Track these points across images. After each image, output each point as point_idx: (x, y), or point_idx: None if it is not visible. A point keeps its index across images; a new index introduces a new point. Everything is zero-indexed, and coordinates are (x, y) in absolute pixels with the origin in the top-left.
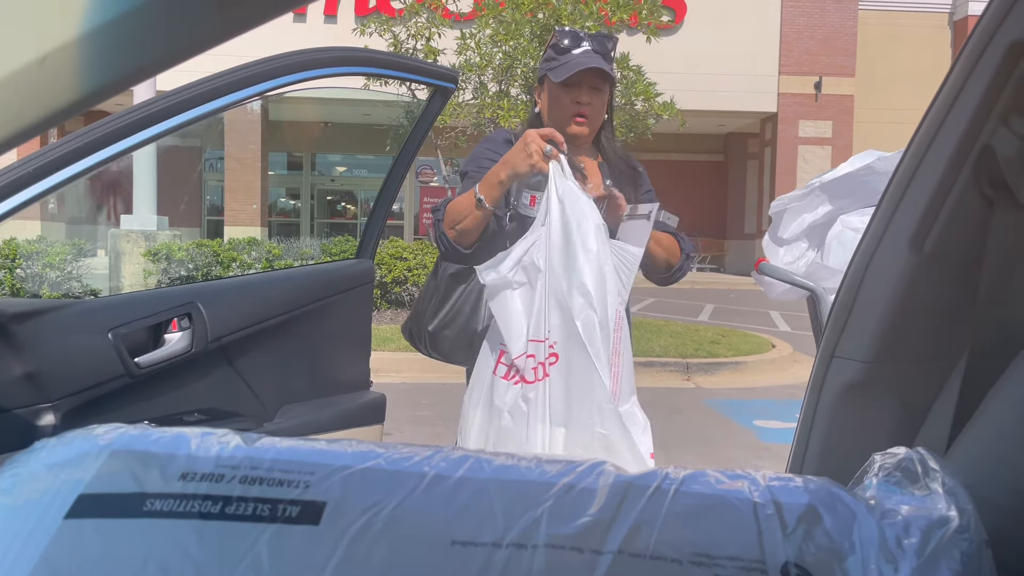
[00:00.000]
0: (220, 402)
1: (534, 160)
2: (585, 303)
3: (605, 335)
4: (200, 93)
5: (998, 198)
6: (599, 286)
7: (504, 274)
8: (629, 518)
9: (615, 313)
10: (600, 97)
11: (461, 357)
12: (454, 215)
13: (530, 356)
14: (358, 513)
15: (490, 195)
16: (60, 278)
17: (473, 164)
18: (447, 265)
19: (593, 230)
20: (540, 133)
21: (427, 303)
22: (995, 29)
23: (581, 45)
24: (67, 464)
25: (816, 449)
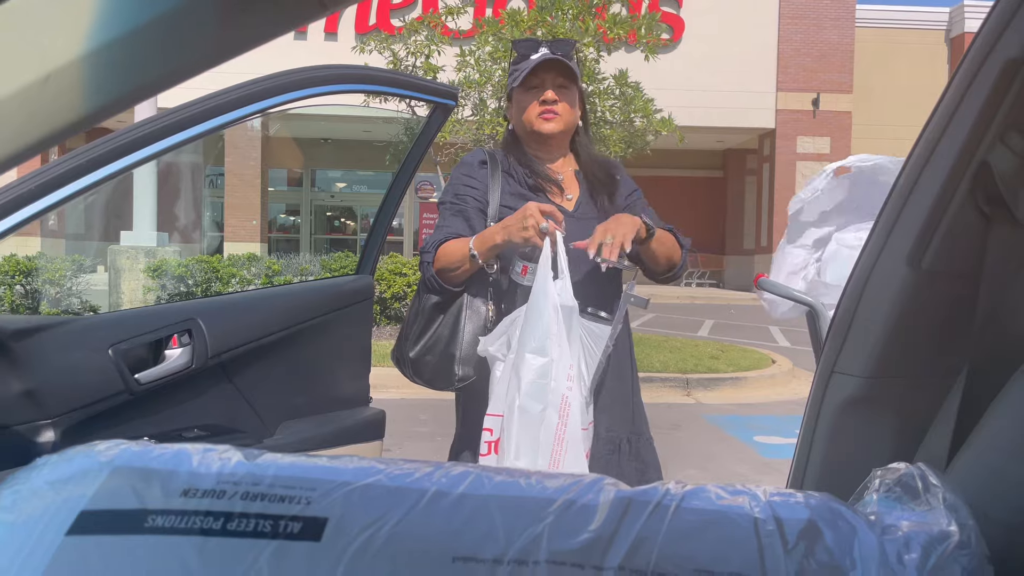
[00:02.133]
0: (220, 418)
1: (528, 234)
2: (516, 384)
3: (529, 420)
4: (202, 111)
5: (995, 214)
6: (537, 369)
7: (488, 347)
8: (630, 534)
9: (560, 398)
10: (567, 95)
11: (442, 383)
12: (446, 261)
13: (486, 429)
14: (360, 529)
15: (483, 253)
16: (60, 294)
17: (450, 193)
18: (429, 295)
19: (553, 312)
20: (541, 209)
21: (409, 329)
22: (991, 47)
23: (539, 50)
24: (68, 480)
25: (816, 465)
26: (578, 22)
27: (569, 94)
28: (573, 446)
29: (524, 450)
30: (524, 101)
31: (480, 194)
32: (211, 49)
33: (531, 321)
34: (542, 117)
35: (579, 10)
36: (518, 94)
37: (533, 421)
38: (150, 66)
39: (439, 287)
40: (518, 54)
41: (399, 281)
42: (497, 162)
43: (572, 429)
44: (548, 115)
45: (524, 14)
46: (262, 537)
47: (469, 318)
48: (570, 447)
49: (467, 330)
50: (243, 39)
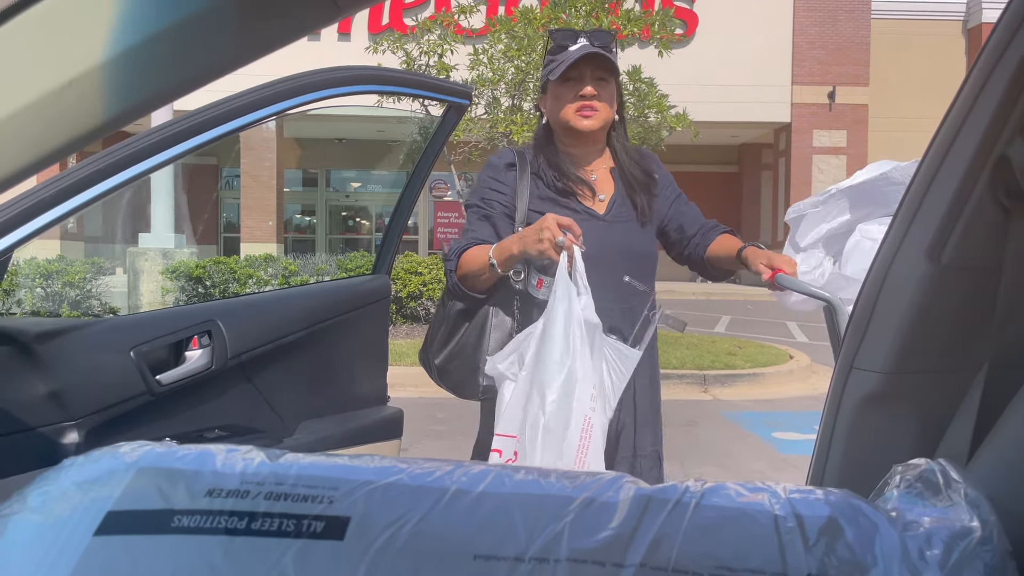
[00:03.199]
0: (240, 418)
1: (544, 247)
2: (538, 403)
3: (552, 440)
4: (218, 114)
5: (1015, 208)
6: (559, 388)
7: (497, 365)
8: (650, 532)
9: (583, 419)
10: (606, 89)
11: (467, 392)
12: (468, 269)
13: (495, 451)
14: (382, 528)
15: (502, 263)
16: (80, 296)
17: (477, 196)
18: (455, 301)
19: (576, 328)
20: (559, 222)
21: (434, 334)
22: (1008, 41)
23: (578, 41)
24: (95, 481)
25: (836, 461)
26: (591, 18)
27: (608, 88)
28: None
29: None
30: (561, 95)
31: (507, 198)
32: (229, 54)
33: (551, 337)
34: (580, 113)
35: (592, 6)
36: (554, 87)
37: (555, 442)
38: (169, 72)
39: (463, 294)
40: (555, 43)
41: (414, 280)
42: (526, 163)
43: (594, 452)
44: (586, 111)
45: (537, 11)
46: (286, 536)
47: (495, 327)
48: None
49: (493, 339)
50: (260, 44)
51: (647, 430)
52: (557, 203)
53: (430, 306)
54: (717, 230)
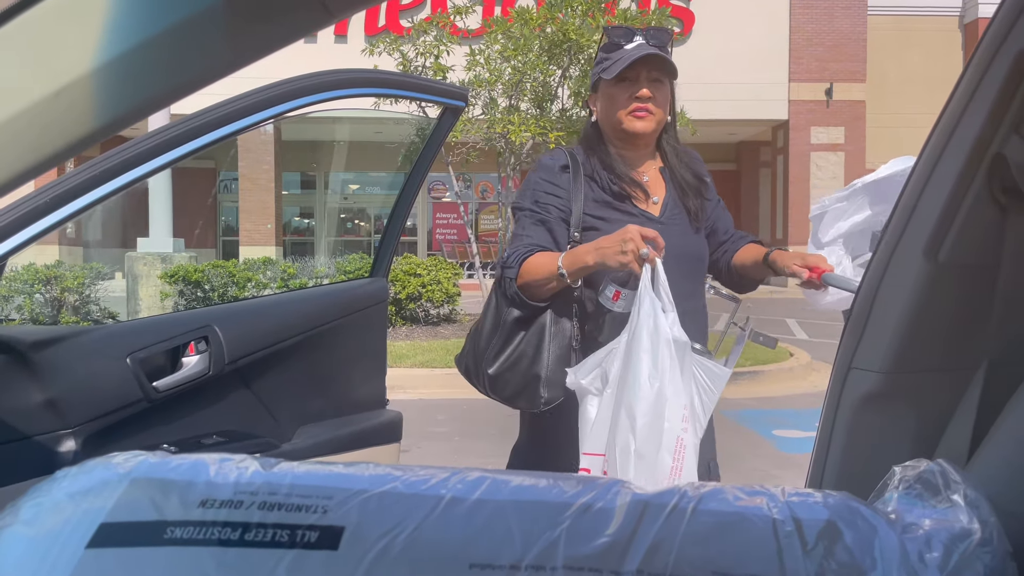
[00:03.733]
0: (238, 424)
1: (627, 260)
2: (628, 426)
3: (644, 465)
4: (215, 118)
5: (1011, 205)
6: (650, 410)
7: (580, 380)
8: (647, 538)
9: (675, 441)
10: (661, 90)
11: (523, 402)
12: (531, 277)
13: (584, 470)
14: (376, 537)
15: (573, 273)
16: (79, 302)
17: (529, 199)
18: (511, 308)
19: (664, 347)
20: (643, 233)
21: (487, 343)
22: (1003, 38)
23: (634, 39)
24: (88, 493)
25: (835, 462)
26: (588, 18)
27: (663, 89)
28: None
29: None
30: (614, 95)
31: (563, 202)
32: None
33: (638, 356)
34: (634, 115)
35: (588, 6)
36: (607, 86)
37: (648, 465)
38: (159, 79)
39: (523, 303)
40: (609, 40)
41: (413, 282)
42: (579, 165)
43: (687, 473)
44: (641, 113)
45: (533, 12)
46: (280, 547)
47: (554, 336)
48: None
49: (552, 349)
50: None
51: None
52: (613, 207)
53: (429, 307)
54: (745, 239)
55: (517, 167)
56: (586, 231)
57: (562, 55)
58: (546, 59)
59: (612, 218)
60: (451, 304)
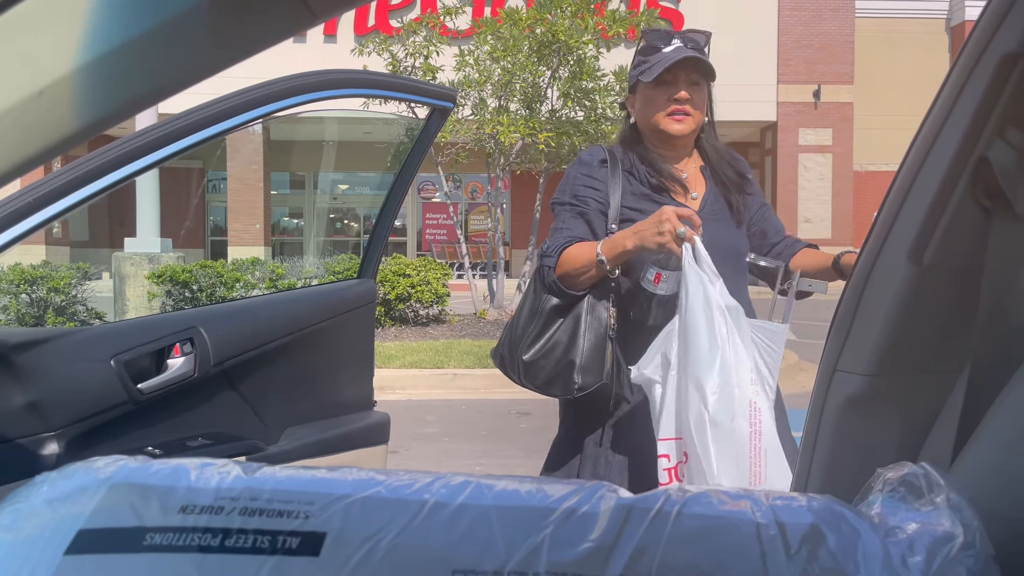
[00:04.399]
0: (224, 426)
1: (665, 240)
2: (698, 398)
3: (721, 433)
4: (203, 118)
5: (995, 209)
6: (716, 378)
7: (643, 371)
8: (631, 543)
9: (748, 405)
10: (699, 93)
11: (557, 390)
12: (570, 266)
13: (663, 456)
14: (359, 543)
15: (613, 259)
16: (65, 302)
17: (568, 193)
18: (548, 296)
19: (718, 315)
20: (678, 213)
21: (523, 331)
22: (987, 41)
23: (672, 43)
24: (67, 498)
25: (820, 464)
26: (577, 19)
27: (701, 91)
28: (773, 456)
29: (724, 466)
30: (653, 98)
31: (601, 195)
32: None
33: (695, 329)
34: (672, 117)
35: (578, 7)
36: (646, 89)
37: (726, 433)
38: (143, 79)
39: (561, 292)
40: (647, 43)
41: (403, 282)
42: (617, 160)
43: (768, 438)
44: (679, 115)
45: (522, 12)
46: (260, 553)
47: (590, 324)
48: (770, 458)
49: (588, 337)
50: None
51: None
52: (651, 199)
53: (418, 308)
54: (799, 244)
55: (506, 168)
56: (623, 223)
57: (551, 56)
58: (535, 60)
59: (649, 210)
60: (440, 305)
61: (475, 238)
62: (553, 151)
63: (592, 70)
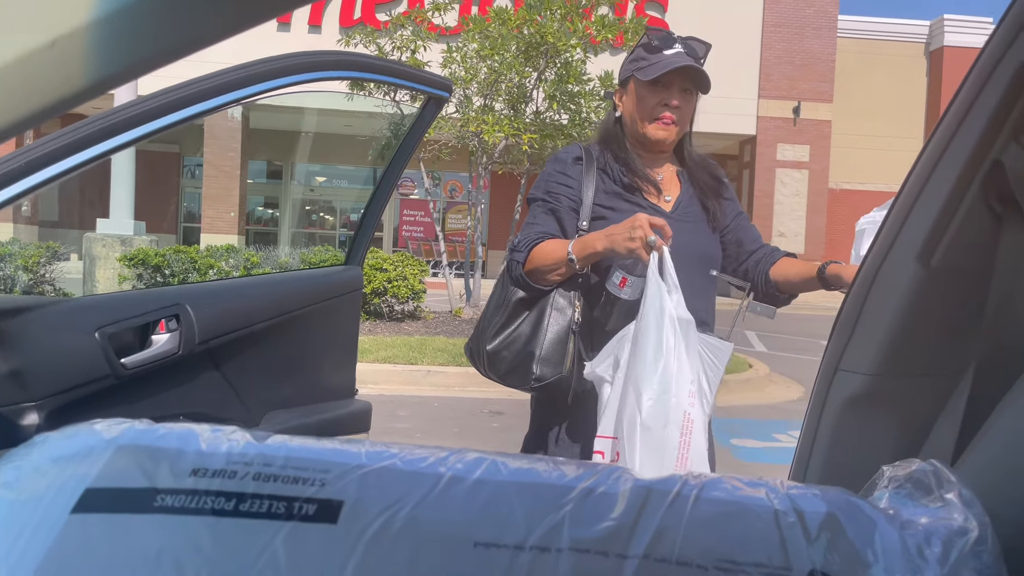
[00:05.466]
0: (205, 406)
1: (635, 246)
2: (635, 402)
3: (650, 439)
4: (184, 96)
5: (1006, 213)
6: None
7: (595, 369)
8: (652, 523)
9: (682, 415)
10: (689, 102)
11: (517, 380)
12: (539, 262)
13: (597, 452)
14: (377, 512)
15: (583, 259)
16: (33, 281)
17: (542, 189)
18: (516, 289)
19: (669, 325)
20: (651, 221)
21: (489, 322)
22: (1005, 49)
23: (673, 46)
24: (72, 458)
25: (819, 462)
26: (566, 22)
27: (691, 100)
28: (697, 467)
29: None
30: (644, 97)
31: (574, 192)
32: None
33: (645, 336)
34: (659, 123)
35: (567, 10)
36: (639, 87)
37: (655, 439)
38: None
39: (528, 286)
40: (649, 41)
41: (379, 276)
42: (593, 158)
43: (696, 448)
44: (666, 122)
45: (511, 12)
46: (276, 519)
47: (554, 318)
48: (694, 468)
49: (551, 330)
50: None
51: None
52: (623, 198)
53: (394, 303)
54: (778, 253)
55: (489, 167)
56: (595, 220)
57: (539, 57)
58: (522, 60)
59: (621, 208)
60: (416, 301)
61: (452, 237)
62: (536, 152)
63: (578, 74)
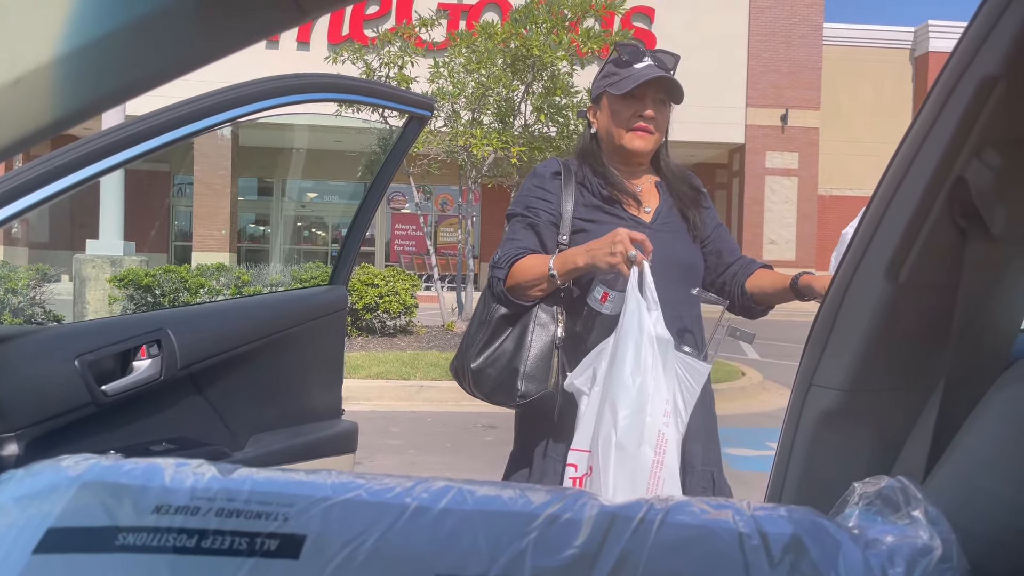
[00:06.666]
0: (189, 431)
1: (616, 260)
2: (611, 420)
3: (624, 457)
4: (173, 119)
5: (971, 229)
6: (632, 404)
7: (574, 381)
8: (615, 550)
9: (656, 435)
10: (663, 112)
11: (502, 397)
12: (520, 278)
13: (570, 464)
14: (339, 546)
15: (564, 274)
16: (23, 304)
17: (521, 204)
18: (498, 306)
19: (647, 344)
20: (632, 236)
21: (472, 339)
22: (968, 63)
23: (643, 59)
24: (35, 496)
25: (795, 478)
26: (552, 36)
27: (665, 111)
28: (670, 485)
29: (620, 488)
30: (618, 111)
31: (553, 207)
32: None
33: (623, 353)
34: (635, 134)
35: (553, 23)
36: (613, 101)
37: (629, 458)
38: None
39: (510, 302)
40: (620, 56)
41: (371, 292)
42: (571, 172)
43: (669, 467)
44: (642, 132)
45: (497, 27)
46: (238, 555)
47: (537, 333)
48: (666, 486)
49: (534, 345)
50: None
51: (698, 446)
52: (603, 210)
53: (386, 318)
54: (755, 264)
55: (478, 180)
56: (575, 234)
57: (526, 71)
58: (510, 74)
59: (601, 220)
60: (408, 316)
61: (444, 250)
62: (525, 165)
63: (566, 86)
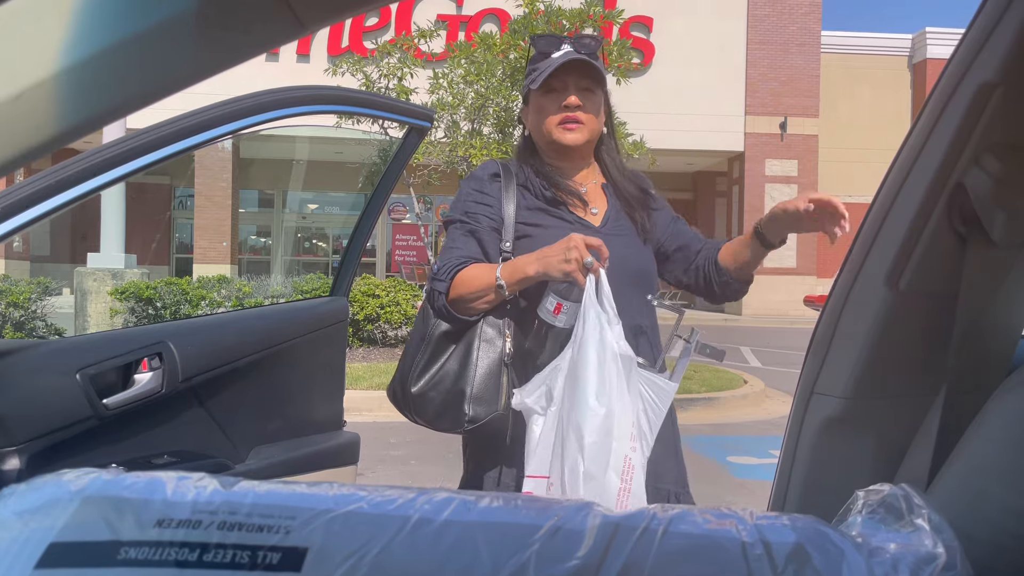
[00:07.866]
0: (191, 444)
1: (571, 268)
2: (576, 447)
3: (595, 486)
4: (173, 132)
5: (970, 235)
6: (598, 429)
7: (525, 399)
8: (618, 560)
9: (623, 460)
10: (592, 100)
11: (447, 423)
12: (464, 290)
13: (527, 492)
14: (341, 559)
15: (512, 285)
16: (24, 317)
17: (459, 210)
18: (438, 322)
19: (611, 362)
20: (587, 242)
21: (412, 361)
22: (964, 71)
23: (561, 48)
24: (37, 511)
25: (797, 485)
26: None
27: (594, 98)
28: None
29: None
30: (543, 106)
31: (493, 211)
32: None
33: (584, 371)
34: (563, 126)
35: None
36: (536, 97)
37: (597, 487)
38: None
39: (452, 317)
40: (537, 51)
41: (372, 303)
42: (511, 174)
43: (636, 494)
44: (570, 124)
45: (496, 38)
46: (240, 569)
47: (483, 351)
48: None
49: (480, 364)
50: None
51: (666, 466)
52: (547, 213)
53: (387, 329)
54: (720, 242)
55: None
56: (519, 239)
57: None
58: (509, 84)
59: (547, 224)
60: (409, 326)
61: None
62: None
63: None
